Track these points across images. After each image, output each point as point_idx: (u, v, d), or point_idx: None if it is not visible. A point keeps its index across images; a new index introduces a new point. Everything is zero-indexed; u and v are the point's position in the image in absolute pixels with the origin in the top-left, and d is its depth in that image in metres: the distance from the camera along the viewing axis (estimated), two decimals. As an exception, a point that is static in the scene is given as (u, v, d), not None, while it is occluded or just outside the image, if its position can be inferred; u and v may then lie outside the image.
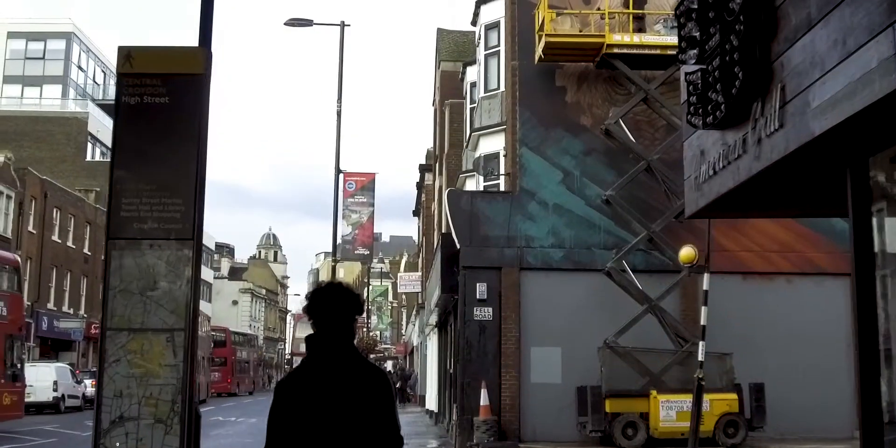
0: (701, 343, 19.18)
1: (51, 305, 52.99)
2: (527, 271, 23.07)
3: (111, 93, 73.14)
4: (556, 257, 23.15)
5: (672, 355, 21.66)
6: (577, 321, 22.72)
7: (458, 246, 23.17)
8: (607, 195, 22.26)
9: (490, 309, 22.76)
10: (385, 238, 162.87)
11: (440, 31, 37.38)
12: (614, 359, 21.48)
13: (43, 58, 67.57)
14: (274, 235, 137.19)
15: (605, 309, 22.59)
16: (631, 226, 22.62)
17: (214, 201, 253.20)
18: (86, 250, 58.31)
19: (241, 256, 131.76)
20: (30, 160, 57.62)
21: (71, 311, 55.20)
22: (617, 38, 22.07)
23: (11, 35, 67.53)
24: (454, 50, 35.57)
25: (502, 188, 24.40)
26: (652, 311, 21.76)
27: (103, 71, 73.61)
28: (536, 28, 22.90)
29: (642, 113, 23.56)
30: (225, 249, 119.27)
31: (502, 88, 24.83)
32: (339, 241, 27.53)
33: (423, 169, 49.42)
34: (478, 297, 22.77)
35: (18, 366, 29.95)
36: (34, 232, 51.28)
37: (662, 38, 22.20)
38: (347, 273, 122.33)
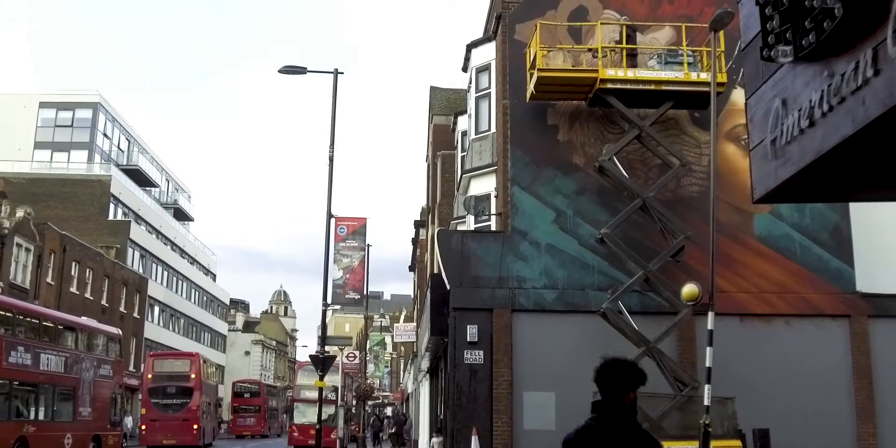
0: (706, 386, 15.83)
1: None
2: (519, 313, 19.72)
3: (134, 158, 70.46)
4: (549, 298, 19.80)
5: (671, 400, 18.23)
6: (571, 365, 19.28)
7: (448, 287, 19.83)
8: (602, 233, 18.98)
9: (481, 352, 19.36)
10: (387, 296, 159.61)
11: (433, 89, 34.55)
12: (611, 404, 17.99)
13: (71, 125, 64.94)
14: (285, 292, 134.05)
15: (601, 352, 18.78)
16: (626, 266, 19.32)
17: (238, 264, 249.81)
18: (103, 302, 54.89)
19: (256, 311, 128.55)
20: (56, 218, 55.31)
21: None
22: (611, 72, 18.98)
23: (43, 105, 65.03)
24: (446, 106, 32.64)
25: (493, 229, 21.10)
26: (650, 354, 18.36)
27: (127, 138, 70.88)
28: (528, 66, 19.87)
29: (635, 152, 20.41)
30: (240, 305, 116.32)
31: (493, 130, 21.71)
32: (330, 285, 24.15)
33: (418, 225, 46.31)
34: (468, 339, 19.39)
35: (120, 415, 34.36)
36: (52, 283, 48.19)
37: (657, 72, 19.12)
38: (353, 327, 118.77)
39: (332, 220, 24.39)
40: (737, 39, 21.59)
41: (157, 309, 66.63)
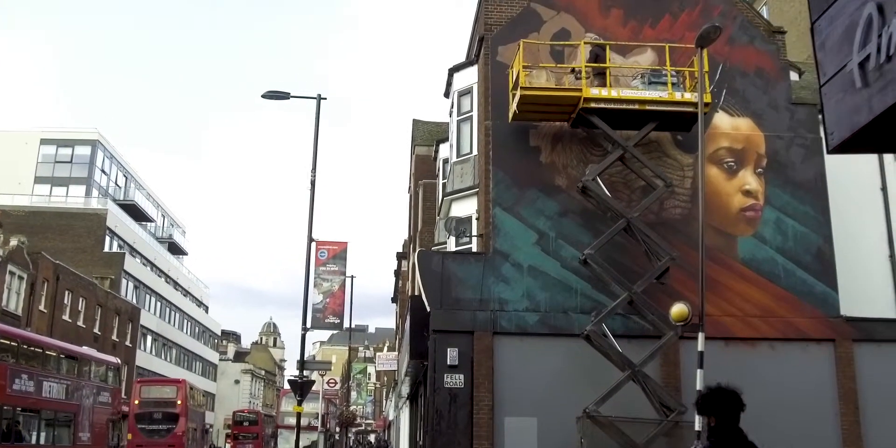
0: (698, 411, 13.96)
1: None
2: (500, 336, 17.87)
3: (131, 194, 68.52)
4: (531, 321, 17.98)
5: (657, 425, 16.41)
6: (554, 389, 17.49)
7: (428, 309, 17.99)
8: (586, 254, 17.25)
9: (461, 376, 17.49)
10: (371, 329, 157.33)
11: (415, 122, 32.93)
12: (595, 429, 16.22)
13: (70, 161, 63.08)
14: (274, 324, 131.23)
15: (584, 376, 17.38)
16: (610, 288, 17.57)
17: (234, 300, 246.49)
18: (96, 330, 52.66)
19: (247, 342, 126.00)
20: (53, 249, 53.76)
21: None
22: (594, 91, 17.37)
23: (44, 141, 63.19)
24: (428, 137, 30.97)
25: (475, 251, 19.32)
26: (634, 378, 16.56)
27: (125, 175, 68.96)
28: (510, 87, 18.27)
29: (618, 174, 18.76)
30: (232, 336, 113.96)
31: (475, 152, 20.03)
32: (310, 309, 22.25)
33: (400, 257, 44.49)
34: (448, 363, 17.52)
35: (117, 441, 34.25)
36: (45, 311, 46.16)
37: (641, 92, 17.53)
38: (339, 358, 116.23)
39: (313, 244, 22.58)
40: (719, 63, 20.20)
41: (149, 338, 64.28)
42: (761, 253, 18.87)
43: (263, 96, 23.30)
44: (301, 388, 22.13)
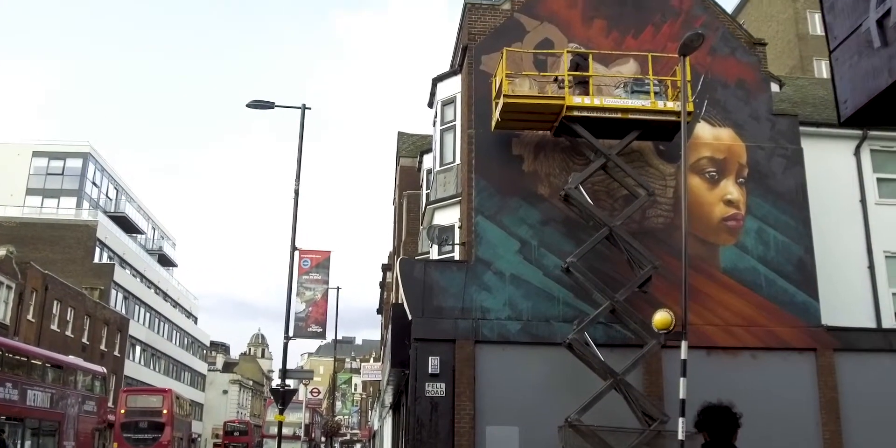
0: (681, 420, 13.43)
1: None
2: (482, 344, 17.26)
3: (122, 206, 67.66)
4: (514, 330, 17.38)
5: (639, 435, 15.80)
6: (535, 398, 16.89)
7: (409, 317, 17.37)
8: (568, 262, 16.70)
9: (443, 384, 16.87)
10: (358, 341, 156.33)
11: (400, 134, 32.37)
12: (577, 438, 15.59)
13: (62, 174, 62.20)
14: (262, 335, 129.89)
15: (566, 385, 16.79)
16: (592, 297, 17.00)
17: (225, 312, 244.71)
18: (84, 340, 51.69)
19: (236, 353, 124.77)
20: (43, 260, 52.99)
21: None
22: (577, 100, 16.87)
23: (36, 154, 62.35)
24: (413, 149, 30.43)
25: (457, 259, 18.73)
26: (616, 387, 15.96)
27: (115, 188, 68.07)
28: (494, 95, 17.76)
29: (600, 183, 18.24)
30: (221, 347, 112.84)
31: (458, 161, 19.48)
32: (292, 318, 21.60)
33: (385, 268, 43.75)
34: (430, 371, 16.90)
35: None
36: (33, 320, 45.17)
37: (624, 101, 17.04)
38: (327, 369, 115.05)
39: (296, 253, 21.94)
40: (700, 74, 19.76)
41: (138, 348, 63.29)
42: (743, 262, 18.37)
43: (248, 106, 22.70)
44: (283, 397, 21.44)
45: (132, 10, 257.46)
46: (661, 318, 14.44)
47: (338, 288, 46.58)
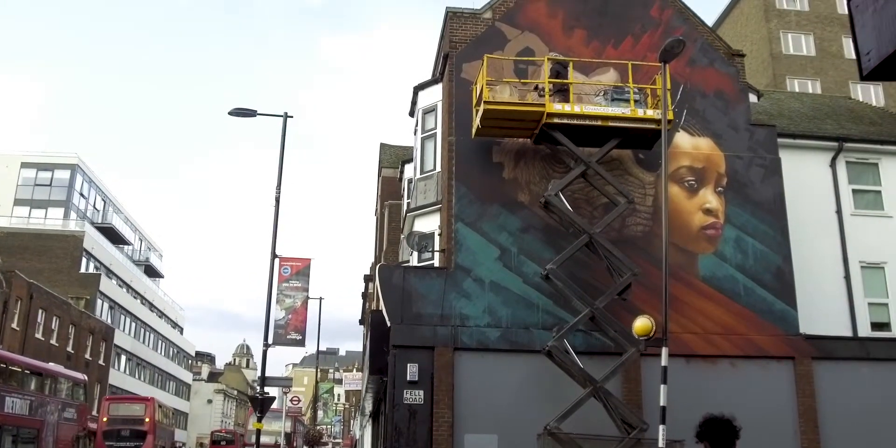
0: (661, 427, 12.87)
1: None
2: (461, 351, 16.66)
3: (109, 218, 66.68)
4: (493, 337, 16.79)
5: (618, 443, 15.21)
6: (514, 405, 16.29)
7: (388, 324, 16.75)
8: (548, 269, 16.16)
9: (421, 392, 16.25)
10: (342, 352, 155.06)
11: (382, 146, 31.78)
12: (556, 446, 15.05)
13: (50, 185, 61.18)
14: (248, 346, 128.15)
15: (545, 392, 16.21)
16: (571, 304, 16.45)
17: (211, 323, 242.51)
18: (69, 348, 50.62)
19: (222, 364, 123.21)
20: (30, 270, 52.11)
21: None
22: (558, 107, 16.39)
23: (24, 165, 61.36)
24: (395, 161, 29.84)
25: (437, 266, 18.15)
26: (596, 395, 15.39)
27: (103, 199, 67.07)
28: (474, 102, 17.26)
29: (580, 191, 17.74)
30: (206, 357, 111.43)
31: (438, 169, 18.92)
32: (272, 325, 20.92)
33: (367, 279, 43.04)
34: (408, 378, 16.28)
35: None
36: (17, 329, 44.16)
37: (604, 108, 16.56)
38: (311, 380, 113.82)
39: (276, 260, 21.29)
40: (680, 84, 19.33)
41: (123, 358, 62.18)
42: (721, 271, 17.89)
43: (230, 113, 22.11)
44: (262, 405, 20.74)
45: (126, 31, 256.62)
46: (641, 324, 13.92)
47: (320, 298, 45.82)
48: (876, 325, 19.10)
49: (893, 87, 44.97)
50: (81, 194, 62.89)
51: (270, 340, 21.21)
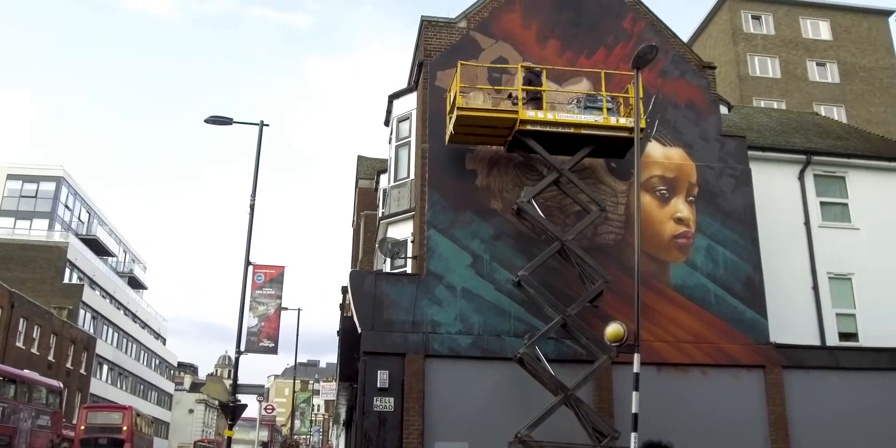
0: (633, 435, 12.17)
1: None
2: (432, 358, 15.90)
3: (94, 229, 65.45)
4: (464, 344, 16.05)
5: (589, 451, 14.46)
6: (485, 413, 15.53)
7: (359, 330, 15.98)
8: (519, 276, 15.48)
9: (391, 399, 15.46)
10: (323, 364, 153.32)
11: (360, 158, 31.09)
12: (527, 455, 14.21)
13: (35, 196, 59.87)
14: (229, 357, 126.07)
15: (516, 400, 15.48)
16: (543, 311, 15.75)
17: (195, 335, 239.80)
18: (50, 357, 49.28)
19: (204, 374, 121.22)
20: (14, 280, 50.92)
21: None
22: (531, 114, 15.77)
23: (10, 177, 60.06)
24: (371, 172, 29.13)
25: (409, 272, 17.41)
26: (567, 402, 14.68)
27: (88, 211, 65.80)
28: (448, 109, 16.62)
29: (553, 199, 17.11)
30: (189, 368, 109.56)
31: (412, 176, 18.24)
32: (244, 332, 20.08)
33: (345, 290, 42.18)
34: (378, 385, 15.49)
35: None
36: (-2, 337, 42.83)
37: (576, 116, 15.96)
38: (292, 390, 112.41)
39: (250, 268, 20.49)
40: (652, 94, 18.80)
41: (105, 367, 60.75)
42: (693, 279, 17.28)
43: (207, 121, 21.35)
44: (233, 412, 19.86)
45: (121, 55, 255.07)
46: (613, 330, 13.25)
47: (298, 309, 44.91)
48: (844, 336, 18.55)
49: (855, 108, 44.90)
50: (66, 206, 61.65)
51: (243, 348, 20.36)
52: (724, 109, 19.47)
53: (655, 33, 18.96)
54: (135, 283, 75.98)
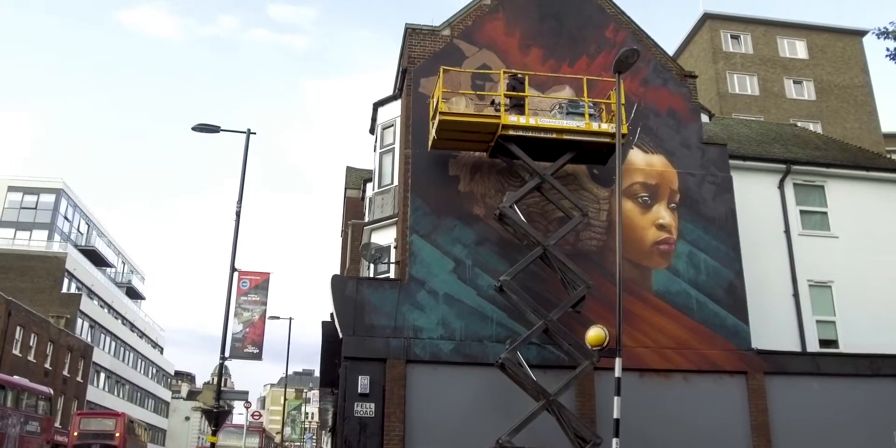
0: (614, 441, 11.47)
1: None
2: (414, 364, 15.18)
3: (92, 241, 64.52)
4: (446, 350, 15.34)
5: (571, 458, 13.74)
6: (467, 419, 14.81)
7: (340, 335, 15.26)
8: (501, 280, 14.80)
9: (372, 404, 14.73)
10: (317, 373, 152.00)
11: (348, 169, 30.39)
12: (508, 461, 13.49)
13: (35, 208, 58.94)
14: (226, 366, 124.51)
15: (498, 406, 14.75)
16: (525, 316, 15.08)
17: (195, 345, 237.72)
18: (47, 365, 48.21)
19: (202, 383, 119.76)
20: (13, 289, 50.02)
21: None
22: (513, 119, 15.15)
23: (11, 189, 59.13)
24: (359, 182, 28.42)
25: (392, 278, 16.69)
26: (549, 408, 13.97)
27: (87, 223, 64.84)
28: (431, 115, 15.98)
29: (535, 205, 16.47)
30: (186, 376, 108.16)
31: (396, 183, 17.58)
32: (229, 338, 19.32)
33: (336, 299, 41.37)
34: (359, 391, 14.76)
35: None
36: (-6, 345, 41.83)
37: (559, 121, 15.35)
38: (288, 399, 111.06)
39: (235, 274, 19.75)
40: (634, 102, 18.22)
41: (102, 375, 59.64)
42: (674, 285, 16.63)
43: (193, 129, 20.66)
44: (216, 418, 19.05)
45: (123, 79, 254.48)
46: (594, 334, 12.58)
47: (290, 318, 43.91)
48: (824, 342, 17.92)
49: (831, 124, 44.53)
50: (66, 217, 60.72)
51: (228, 354, 19.58)
52: (704, 118, 18.91)
53: (637, 42, 18.41)
54: (133, 294, 74.92)
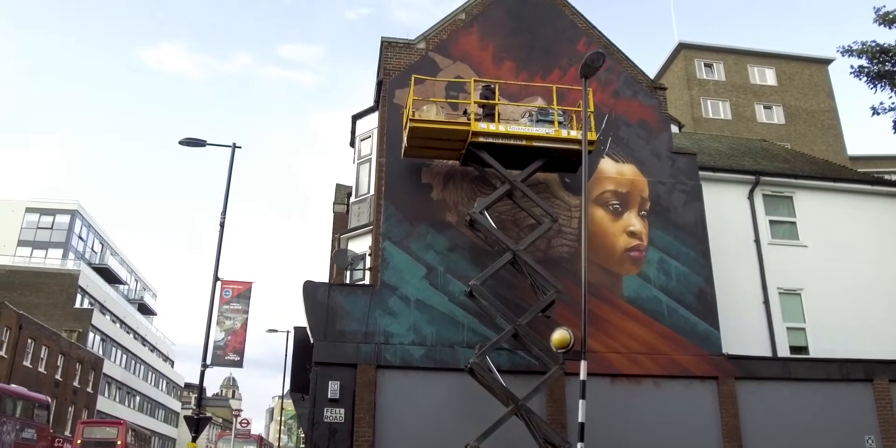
0: (579, 445, 10.36)
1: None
2: (384, 369, 14.08)
3: (106, 259, 63.46)
4: (417, 355, 14.25)
5: (540, 463, 12.61)
6: (436, 424, 13.70)
7: (311, 340, 14.18)
8: (471, 285, 13.76)
9: (342, 410, 13.62)
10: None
11: (338, 186, 29.37)
12: (476, 467, 12.35)
13: (51, 228, 57.94)
14: (234, 378, 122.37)
15: (468, 411, 13.65)
16: (496, 323, 14.00)
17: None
18: (57, 376, 46.93)
19: (211, 394, 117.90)
20: (28, 304, 48.95)
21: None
22: (483, 125, 14.21)
23: (28, 210, 58.21)
24: (345, 198, 27.39)
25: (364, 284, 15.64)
26: (518, 413, 12.86)
27: (101, 242, 63.80)
28: (404, 123, 15.04)
29: (507, 212, 15.47)
30: (196, 389, 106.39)
31: (372, 192, 16.59)
32: (211, 346, 18.24)
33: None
34: (329, 396, 13.66)
35: None
36: (5, 356, 40.70)
37: (528, 128, 14.40)
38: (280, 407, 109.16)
39: (218, 283, 18.72)
40: (605, 113, 17.31)
41: (113, 386, 58.27)
42: (645, 292, 15.58)
43: (181, 143, 19.77)
44: (197, 425, 17.92)
45: (131, 111, 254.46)
46: (559, 336, 11.54)
47: (287, 331, 42.63)
48: (794, 349, 16.84)
49: (800, 147, 43.66)
50: (80, 237, 59.69)
51: (209, 361, 18.47)
52: (675, 128, 18.02)
53: (609, 55, 17.52)
54: (145, 310, 73.69)
